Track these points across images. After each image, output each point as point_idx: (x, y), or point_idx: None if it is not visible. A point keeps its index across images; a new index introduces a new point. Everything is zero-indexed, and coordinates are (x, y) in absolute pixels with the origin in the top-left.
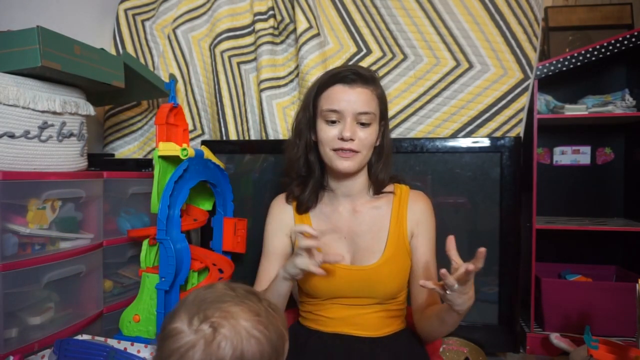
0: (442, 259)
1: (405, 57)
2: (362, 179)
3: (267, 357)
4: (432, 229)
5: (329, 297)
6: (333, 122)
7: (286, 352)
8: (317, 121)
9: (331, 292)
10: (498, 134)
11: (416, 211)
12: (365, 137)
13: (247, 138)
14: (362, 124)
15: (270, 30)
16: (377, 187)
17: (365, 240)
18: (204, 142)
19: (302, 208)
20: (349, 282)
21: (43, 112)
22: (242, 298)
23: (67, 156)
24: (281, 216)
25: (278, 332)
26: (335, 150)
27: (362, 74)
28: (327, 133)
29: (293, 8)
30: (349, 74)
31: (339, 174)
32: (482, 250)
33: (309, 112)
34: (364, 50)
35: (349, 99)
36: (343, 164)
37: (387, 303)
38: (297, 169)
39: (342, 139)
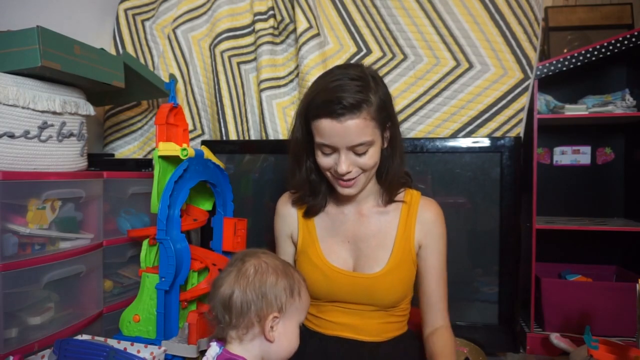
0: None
1: (405, 57)
2: (369, 185)
3: (281, 286)
4: (442, 240)
5: (329, 300)
6: (328, 152)
7: (305, 298)
8: (313, 144)
9: (331, 296)
10: (498, 134)
11: (425, 221)
12: (365, 163)
13: (247, 138)
14: (359, 153)
15: (270, 30)
16: (389, 192)
17: (370, 246)
18: (204, 142)
19: (310, 213)
20: (350, 289)
21: (43, 112)
22: (272, 254)
23: (67, 156)
24: (286, 219)
25: (295, 278)
26: (334, 177)
27: (349, 103)
28: (323, 162)
29: (293, 8)
30: (337, 108)
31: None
32: None
33: (303, 134)
34: (364, 50)
35: (338, 134)
36: (344, 190)
37: (389, 310)
38: (304, 190)
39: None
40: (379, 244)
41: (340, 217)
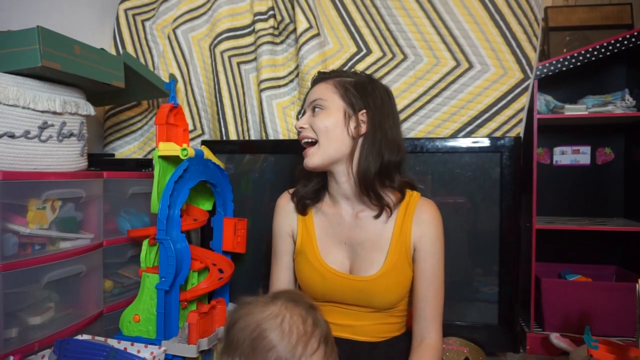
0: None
1: (405, 57)
2: (352, 181)
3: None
4: (437, 244)
5: (325, 300)
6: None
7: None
8: None
9: (328, 297)
10: (498, 134)
11: (421, 223)
12: (316, 123)
13: (247, 138)
14: (314, 110)
15: (270, 30)
16: (362, 183)
17: (366, 248)
18: (204, 142)
19: (299, 207)
20: (347, 291)
21: (43, 112)
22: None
23: (67, 156)
24: (285, 217)
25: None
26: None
27: (325, 72)
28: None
29: (293, 8)
30: (317, 76)
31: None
32: None
33: None
34: (364, 50)
35: (310, 97)
36: (305, 161)
37: (386, 311)
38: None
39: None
40: (374, 246)
41: (338, 218)
